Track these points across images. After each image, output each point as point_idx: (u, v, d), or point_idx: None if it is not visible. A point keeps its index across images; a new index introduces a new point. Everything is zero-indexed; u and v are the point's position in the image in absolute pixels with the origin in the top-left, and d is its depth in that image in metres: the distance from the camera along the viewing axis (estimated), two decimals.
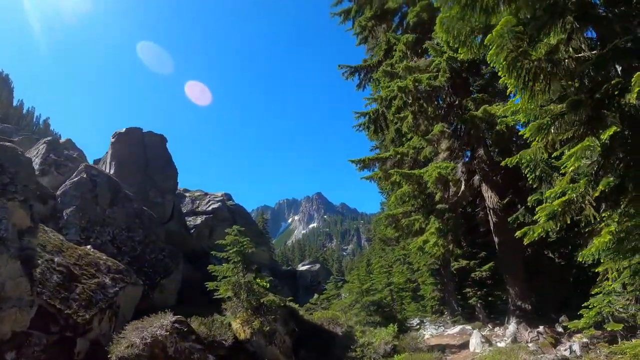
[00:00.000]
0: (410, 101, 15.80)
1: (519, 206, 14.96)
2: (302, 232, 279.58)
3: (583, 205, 7.00)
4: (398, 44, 19.09)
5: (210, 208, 28.97)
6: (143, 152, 23.62)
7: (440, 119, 17.07)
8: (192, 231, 26.63)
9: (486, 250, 22.78)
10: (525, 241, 7.78)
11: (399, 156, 18.29)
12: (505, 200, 15.58)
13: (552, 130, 7.65)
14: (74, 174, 17.72)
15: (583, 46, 8.53)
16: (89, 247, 13.56)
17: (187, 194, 30.13)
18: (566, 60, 8.10)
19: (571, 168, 7.07)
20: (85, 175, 17.44)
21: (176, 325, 9.02)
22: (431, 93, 16.49)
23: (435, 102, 17.48)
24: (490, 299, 21.93)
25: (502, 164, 9.18)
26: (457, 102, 17.42)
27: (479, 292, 21.99)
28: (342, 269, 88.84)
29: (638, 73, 5.99)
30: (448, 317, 23.20)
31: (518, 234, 7.98)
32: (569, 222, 7.02)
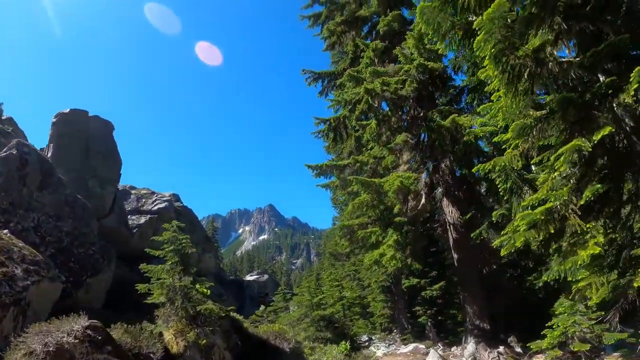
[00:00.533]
0: (376, 105, 15.18)
1: (481, 222, 14.62)
2: (252, 243, 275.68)
3: (567, 214, 6.36)
4: (366, 51, 18.55)
5: (155, 208, 26.85)
6: (86, 137, 21.53)
7: (404, 130, 16.65)
8: (135, 231, 24.49)
9: (437, 270, 22.91)
10: (503, 252, 7.09)
11: (358, 165, 17.59)
12: (468, 216, 15.15)
13: (534, 134, 7.08)
14: (4, 149, 15.52)
15: (567, 51, 8.15)
16: (5, 231, 11.62)
17: (133, 191, 27.93)
18: (550, 64, 7.60)
19: (556, 174, 6.46)
20: (15, 152, 15.29)
21: (89, 332, 7.38)
22: (397, 102, 16.00)
23: (400, 113, 17.06)
24: (440, 318, 21.79)
25: (474, 170, 8.54)
26: (421, 115, 17.01)
27: (429, 311, 21.80)
28: (290, 282, 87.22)
29: (638, 68, 5.48)
30: (397, 335, 22.68)
31: (497, 242, 7.27)
32: (552, 231, 6.37)
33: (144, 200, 27.22)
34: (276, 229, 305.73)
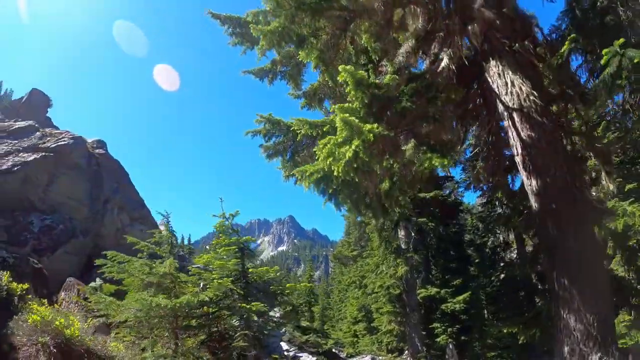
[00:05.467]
0: None
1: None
2: (271, 253, 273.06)
3: None
4: None
5: (54, 145, 19.29)
6: None
7: None
8: (17, 170, 17.84)
9: (461, 277, 19.75)
10: None
11: None
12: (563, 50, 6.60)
13: None
14: None
15: None
16: None
17: (45, 130, 20.66)
18: None
19: None
20: None
21: None
22: None
23: None
24: (463, 338, 18.31)
25: None
26: None
27: (449, 329, 18.16)
28: None
29: None
30: (409, 359, 19.70)
31: None
32: None
33: (48, 138, 19.86)
34: (295, 241, 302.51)
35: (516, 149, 6.62)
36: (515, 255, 21.19)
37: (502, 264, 22.08)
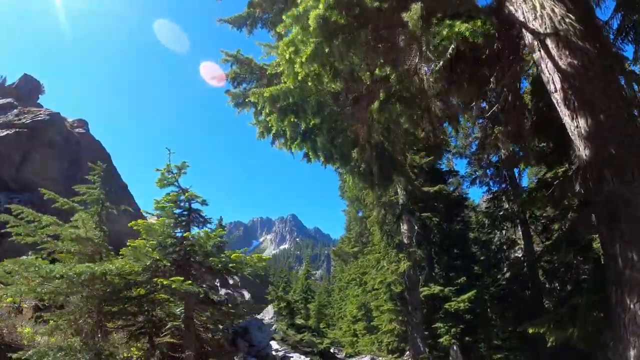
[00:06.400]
0: None
1: None
2: (273, 252, 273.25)
3: None
4: None
5: (29, 121, 18.01)
6: None
7: None
8: None
9: (465, 274, 18.82)
10: None
11: None
12: None
13: None
14: None
15: None
16: None
17: (24, 108, 19.33)
18: None
19: None
20: None
21: None
22: None
23: None
24: (468, 339, 17.35)
25: None
26: None
27: (453, 329, 17.26)
28: None
29: None
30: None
31: None
32: None
33: (25, 115, 18.68)
34: (297, 239, 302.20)
35: (553, 83, 4.96)
36: (521, 254, 20.03)
37: (507, 262, 21.05)
